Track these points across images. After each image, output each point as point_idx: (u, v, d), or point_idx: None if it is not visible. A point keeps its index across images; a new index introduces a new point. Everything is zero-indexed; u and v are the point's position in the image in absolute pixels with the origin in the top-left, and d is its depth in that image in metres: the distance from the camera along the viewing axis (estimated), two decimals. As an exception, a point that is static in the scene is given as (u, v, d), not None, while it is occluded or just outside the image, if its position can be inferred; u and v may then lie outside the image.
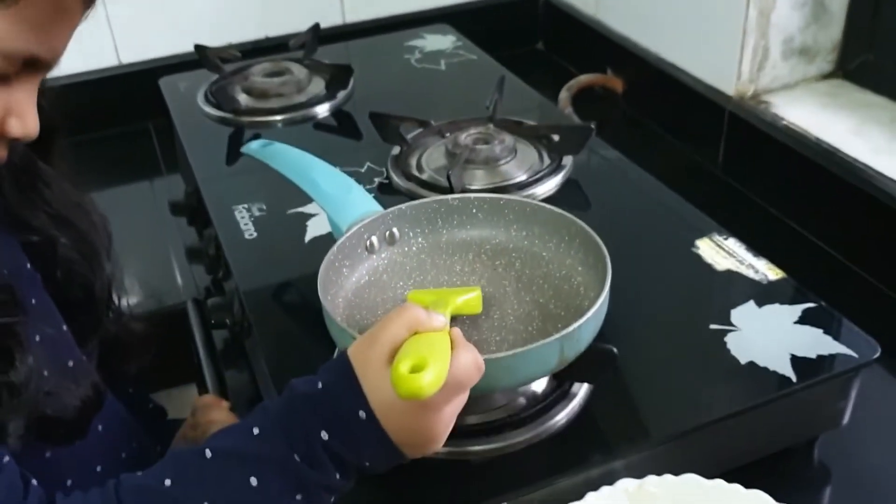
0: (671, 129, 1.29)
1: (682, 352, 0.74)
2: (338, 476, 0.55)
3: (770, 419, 0.70)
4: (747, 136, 1.13)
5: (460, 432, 0.65)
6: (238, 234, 0.92)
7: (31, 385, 0.56)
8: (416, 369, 0.51)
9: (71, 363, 0.67)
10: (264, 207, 0.96)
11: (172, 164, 1.33)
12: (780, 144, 1.08)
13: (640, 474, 0.64)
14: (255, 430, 0.55)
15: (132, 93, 1.42)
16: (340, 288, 0.72)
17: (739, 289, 0.80)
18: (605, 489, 0.63)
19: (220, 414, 0.84)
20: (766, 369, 0.70)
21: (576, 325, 0.60)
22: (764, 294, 0.78)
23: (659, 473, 0.64)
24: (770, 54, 1.14)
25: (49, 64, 0.56)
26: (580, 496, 0.63)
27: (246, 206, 0.97)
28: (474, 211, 0.77)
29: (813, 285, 0.80)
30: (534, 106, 1.19)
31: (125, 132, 1.45)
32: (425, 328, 0.56)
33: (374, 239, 0.75)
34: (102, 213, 0.74)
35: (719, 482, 0.64)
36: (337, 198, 0.77)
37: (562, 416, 0.66)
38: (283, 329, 0.81)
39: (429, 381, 0.51)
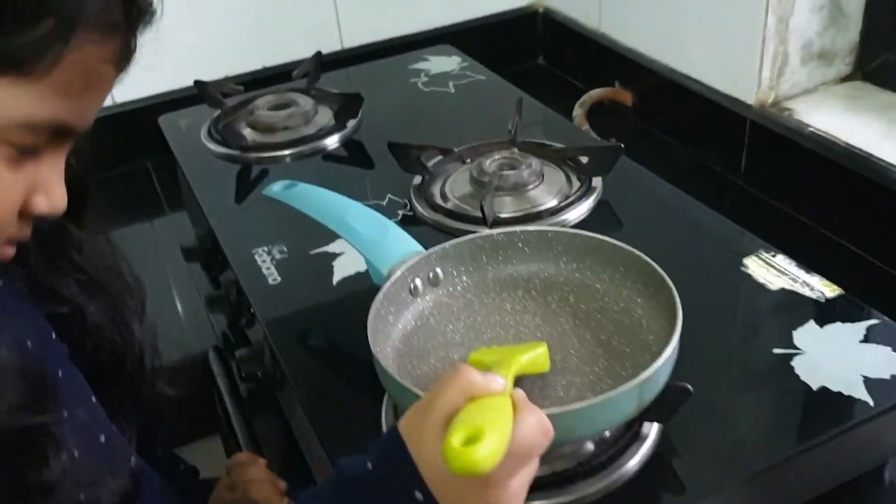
0: (688, 141, 1.26)
1: (749, 381, 0.71)
2: None
3: (847, 446, 0.67)
4: (772, 144, 1.10)
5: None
6: (261, 279, 0.88)
7: (65, 481, 0.51)
8: (471, 441, 0.46)
9: (103, 438, 0.62)
10: (285, 249, 0.92)
11: (174, 202, 1.28)
12: (809, 151, 1.05)
13: (721, 517, 0.61)
14: None
15: (129, 132, 1.37)
16: (388, 337, 0.68)
17: (797, 308, 0.76)
18: (690, 537, 0.59)
19: (257, 472, 0.79)
20: (840, 394, 0.67)
21: (654, 367, 0.56)
22: (824, 313, 0.75)
23: (741, 514, 0.61)
24: (790, 60, 1.12)
25: (79, 133, 0.52)
26: (664, 546, 0.59)
27: (266, 248, 0.93)
28: (520, 245, 0.73)
29: (859, 296, 0.77)
30: (550, 125, 1.16)
31: (123, 173, 1.40)
32: (483, 393, 0.50)
33: (418, 281, 0.71)
34: (136, 275, 0.69)
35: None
36: (374, 240, 0.73)
37: (635, 462, 0.63)
38: (319, 379, 0.77)
39: (485, 454, 0.45)
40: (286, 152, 1.14)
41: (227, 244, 0.96)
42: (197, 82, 1.24)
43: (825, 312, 0.75)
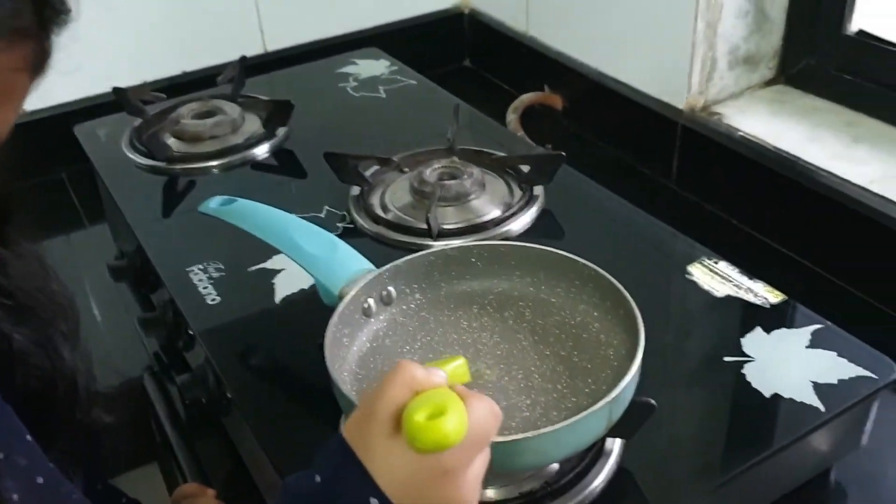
0: (619, 145, 1.27)
1: (705, 391, 0.72)
2: None
3: (802, 452, 0.68)
4: (703, 148, 1.12)
5: (493, 508, 0.61)
6: (198, 299, 0.85)
7: None
8: (433, 417, 0.45)
9: (41, 479, 0.58)
10: (222, 267, 0.89)
11: (93, 215, 1.23)
12: (739, 156, 1.07)
13: (687, 530, 0.61)
14: None
15: (42, 142, 1.30)
16: (344, 361, 0.66)
17: (743, 315, 0.78)
18: (659, 553, 0.59)
19: (207, 504, 0.76)
20: (792, 400, 0.68)
21: (622, 385, 0.56)
22: (769, 319, 0.77)
23: (705, 526, 0.61)
24: (717, 65, 1.14)
25: None
26: (633, 563, 0.59)
27: (201, 266, 0.89)
28: (474, 260, 0.72)
29: (795, 297, 0.79)
30: (484, 131, 1.15)
31: (37, 185, 1.33)
32: (426, 386, 0.48)
33: (371, 301, 0.69)
34: (69, 294, 0.65)
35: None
36: (323, 259, 0.70)
37: (601, 479, 0.62)
38: (267, 401, 0.74)
39: (453, 426, 0.45)
40: (214, 163, 1.10)
41: (159, 262, 0.91)
42: (116, 89, 1.19)
43: (770, 318, 0.77)
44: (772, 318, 0.77)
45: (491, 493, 0.62)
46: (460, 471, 0.47)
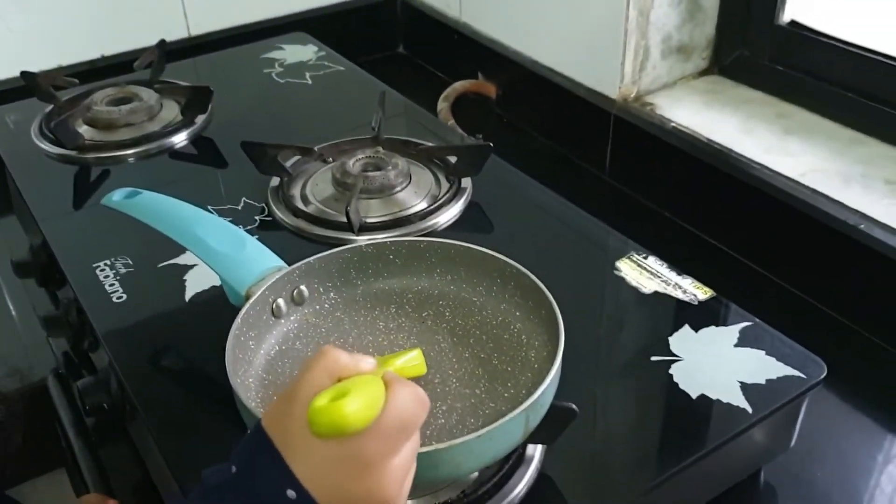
0: (552, 135, 1.24)
1: (630, 392, 0.69)
2: None
3: (730, 454, 0.66)
4: (635, 139, 1.10)
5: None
6: (103, 297, 0.80)
7: None
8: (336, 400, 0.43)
9: None
10: (130, 262, 0.84)
11: (2, 207, 1.16)
12: (672, 147, 1.05)
13: (610, 539, 0.58)
14: None
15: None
16: (249, 365, 0.62)
17: (671, 313, 0.75)
18: (579, 565, 0.57)
19: (108, 515, 0.72)
20: (719, 402, 0.66)
21: (539, 391, 0.53)
22: (697, 316, 0.75)
23: (629, 535, 0.59)
24: (650, 54, 1.12)
25: None
26: (553, 576, 0.56)
27: (108, 261, 0.84)
28: (391, 257, 0.68)
29: (726, 293, 0.77)
30: (414, 119, 1.12)
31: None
32: (351, 372, 0.46)
33: (281, 301, 0.65)
34: None
35: (695, 539, 0.59)
36: (230, 256, 0.66)
37: (521, 487, 0.60)
38: (173, 408, 0.70)
39: (353, 408, 0.42)
40: (129, 151, 1.04)
41: (63, 257, 0.86)
42: (24, 73, 1.12)
43: (698, 316, 0.75)
44: (700, 316, 0.75)
45: (405, 505, 0.58)
46: (382, 461, 0.45)
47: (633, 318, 0.77)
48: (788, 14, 1.07)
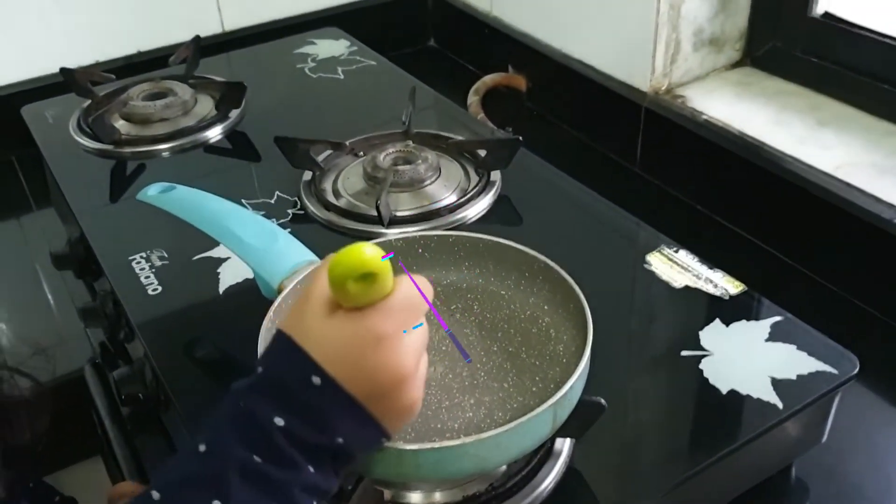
0: (582, 128, 1.24)
1: (659, 387, 0.69)
2: (312, 469, 0.46)
3: (759, 450, 0.66)
4: (666, 132, 1.10)
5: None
6: (139, 289, 0.81)
7: None
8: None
9: None
10: (165, 255, 0.85)
11: (42, 199, 1.18)
12: (703, 140, 1.04)
13: (637, 532, 0.59)
14: (202, 447, 0.46)
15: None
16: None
17: (702, 307, 0.75)
18: (607, 558, 0.57)
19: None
20: (749, 397, 0.66)
21: (567, 386, 0.53)
22: (728, 311, 0.74)
23: (657, 528, 0.59)
24: (682, 47, 1.11)
25: None
26: (581, 568, 0.56)
27: (144, 254, 0.86)
28: (420, 251, 0.69)
29: (759, 287, 0.76)
30: (444, 113, 1.12)
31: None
32: None
33: (312, 294, 0.66)
34: None
35: (724, 533, 0.59)
36: (262, 250, 0.67)
37: (549, 481, 0.60)
38: (207, 399, 0.71)
39: (372, 251, 0.45)
40: (164, 146, 1.06)
41: (100, 250, 0.88)
42: (63, 70, 1.15)
43: (729, 310, 0.74)
44: (731, 310, 0.74)
45: (435, 497, 0.59)
46: (395, 335, 0.47)
47: (664, 313, 0.77)
48: (822, 5, 1.05)
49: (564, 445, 0.62)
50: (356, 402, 0.46)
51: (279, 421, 0.45)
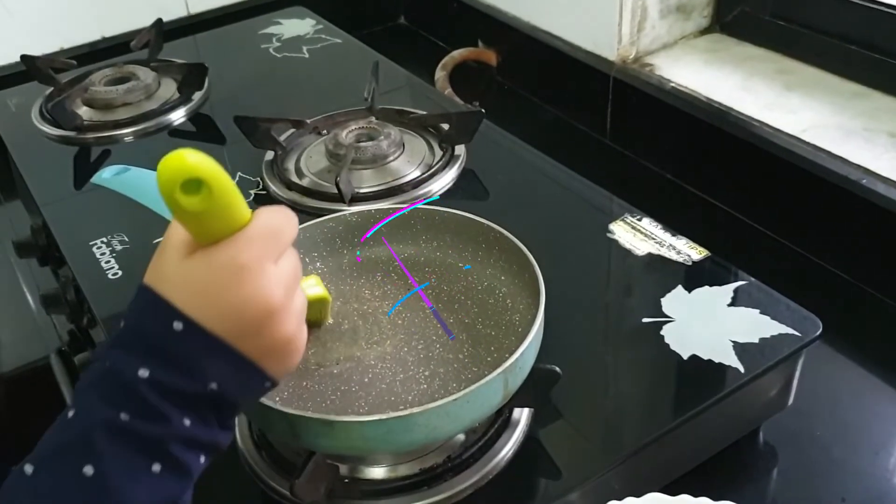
0: (552, 100, 1.23)
1: (620, 353, 0.69)
2: (187, 421, 0.43)
3: (722, 414, 0.65)
4: (634, 101, 1.09)
5: (392, 488, 0.57)
6: (99, 273, 0.80)
7: None
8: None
9: None
10: (126, 240, 0.84)
11: (9, 190, 1.17)
12: (671, 107, 1.03)
13: (599, 499, 0.58)
14: (71, 413, 0.44)
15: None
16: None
17: (664, 274, 0.75)
18: (566, 526, 0.57)
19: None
20: (710, 362, 0.66)
21: (517, 353, 0.53)
22: (691, 277, 0.74)
23: (620, 494, 0.59)
24: (648, 14, 1.10)
25: None
26: (540, 538, 0.56)
27: (104, 239, 0.85)
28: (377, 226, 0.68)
29: (725, 253, 0.76)
30: (409, 89, 1.11)
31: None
32: None
33: (267, 271, 0.65)
34: None
35: (685, 498, 0.59)
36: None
37: (507, 450, 0.59)
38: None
39: (194, 156, 0.42)
40: (127, 130, 1.05)
41: (61, 236, 0.87)
42: (24, 57, 1.13)
43: (692, 276, 0.74)
44: (694, 276, 0.74)
45: (390, 471, 0.59)
46: (257, 264, 0.44)
47: (626, 281, 0.76)
48: (789, -33, 1.04)
49: (523, 415, 0.61)
50: (224, 343, 0.44)
51: (143, 373, 0.43)
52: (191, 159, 0.41)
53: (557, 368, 0.57)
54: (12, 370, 0.93)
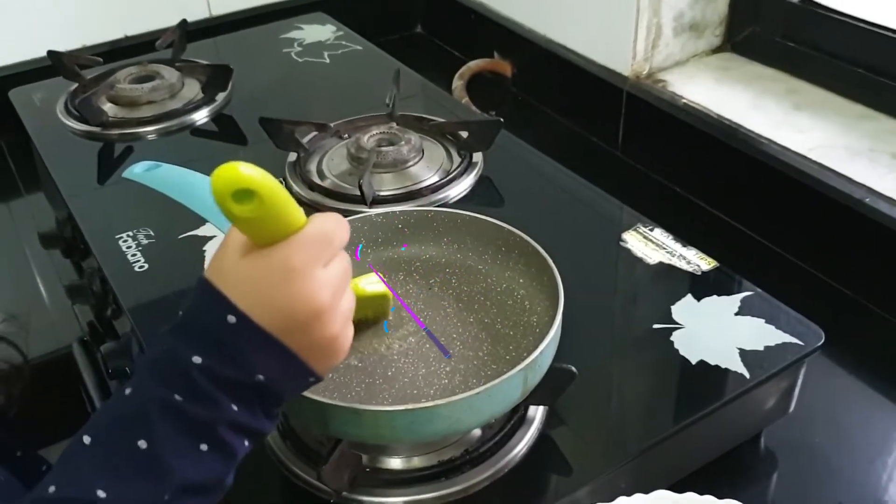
0: (565, 112, 1.26)
1: (631, 357, 0.72)
2: (235, 407, 0.47)
3: (726, 418, 0.68)
4: (647, 116, 1.11)
5: (411, 478, 0.60)
6: (126, 266, 0.83)
7: None
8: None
9: None
10: (152, 234, 0.87)
11: (31, 183, 1.20)
12: (682, 123, 1.06)
13: (608, 496, 0.61)
14: (128, 390, 0.47)
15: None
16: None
17: (675, 283, 0.77)
18: (577, 520, 0.59)
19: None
20: (717, 367, 0.68)
21: (537, 352, 0.56)
22: (700, 286, 0.76)
23: (627, 492, 0.61)
24: (663, 32, 1.13)
25: None
26: (552, 530, 0.58)
27: (130, 233, 0.87)
28: (400, 226, 0.71)
29: (733, 265, 0.79)
30: (429, 97, 1.14)
31: (-28, 152, 1.30)
32: None
33: (293, 267, 0.68)
34: None
35: (691, 496, 0.61)
36: (246, 224, 0.69)
37: (522, 446, 0.62)
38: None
39: (246, 168, 0.43)
40: (151, 128, 1.07)
41: (87, 229, 0.89)
42: (50, 53, 1.16)
43: (701, 286, 0.76)
44: (702, 286, 0.76)
45: (409, 463, 0.61)
46: (306, 268, 0.47)
47: (637, 288, 0.79)
48: (800, -9, 1.07)
49: (537, 413, 0.64)
50: (273, 338, 0.47)
51: (197, 359, 0.46)
52: (243, 171, 0.43)
53: (574, 368, 0.60)
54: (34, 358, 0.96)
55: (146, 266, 0.83)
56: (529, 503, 0.60)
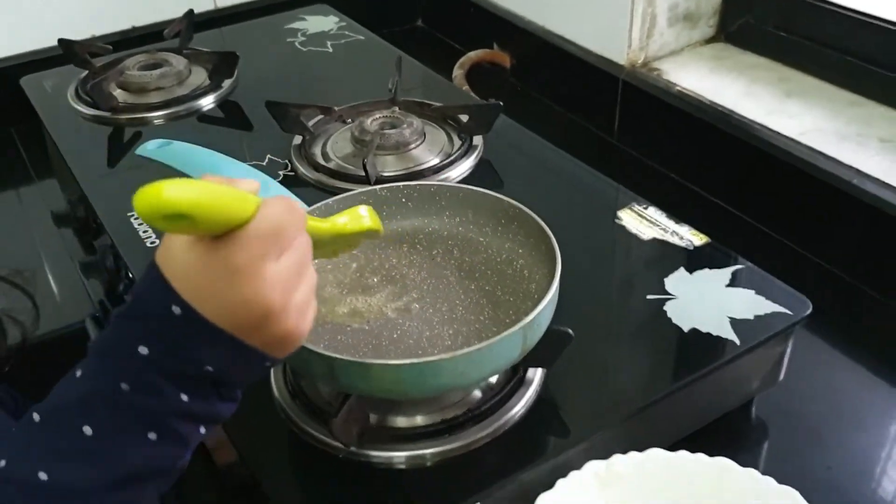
0: (563, 101, 1.29)
1: (626, 325, 0.74)
2: (185, 398, 0.45)
3: (717, 383, 0.71)
4: (642, 104, 1.14)
5: (416, 434, 0.63)
6: (138, 242, 0.86)
7: None
8: None
9: None
10: (164, 211, 0.90)
11: (43, 170, 1.22)
12: (677, 110, 1.09)
13: (603, 454, 0.63)
14: (78, 373, 0.45)
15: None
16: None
17: (668, 257, 0.80)
18: (574, 474, 0.62)
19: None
20: (709, 335, 0.71)
21: (537, 310, 0.58)
22: (692, 260, 0.79)
23: (622, 451, 0.64)
24: (657, 22, 1.16)
25: None
26: (549, 485, 0.61)
27: (142, 211, 0.90)
28: (404, 200, 0.74)
29: (725, 245, 0.81)
30: (430, 85, 1.17)
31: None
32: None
33: (302, 239, 0.70)
34: None
35: (683, 453, 0.64)
36: (256, 197, 0.71)
37: (520, 406, 0.65)
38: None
39: (172, 187, 0.39)
40: (159, 113, 1.10)
41: (100, 207, 0.92)
42: (62, 41, 1.19)
43: (694, 259, 0.79)
44: (695, 259, 0.79)
45: (415, 420, 0.64)
46: (253, 266, 0.44)
47: (632, 262, 0.82)
48: (791, -19, 1.10)
49: (536, 375, 0.67)
50: (220, 330, 0.44)
51: (143, 350, 0.44)
52: (168, 195, 0.39)
53: (570, 331, 0.63)
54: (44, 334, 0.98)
55: (157, 241, 0.85)
56: (528, 459, 0.62)
